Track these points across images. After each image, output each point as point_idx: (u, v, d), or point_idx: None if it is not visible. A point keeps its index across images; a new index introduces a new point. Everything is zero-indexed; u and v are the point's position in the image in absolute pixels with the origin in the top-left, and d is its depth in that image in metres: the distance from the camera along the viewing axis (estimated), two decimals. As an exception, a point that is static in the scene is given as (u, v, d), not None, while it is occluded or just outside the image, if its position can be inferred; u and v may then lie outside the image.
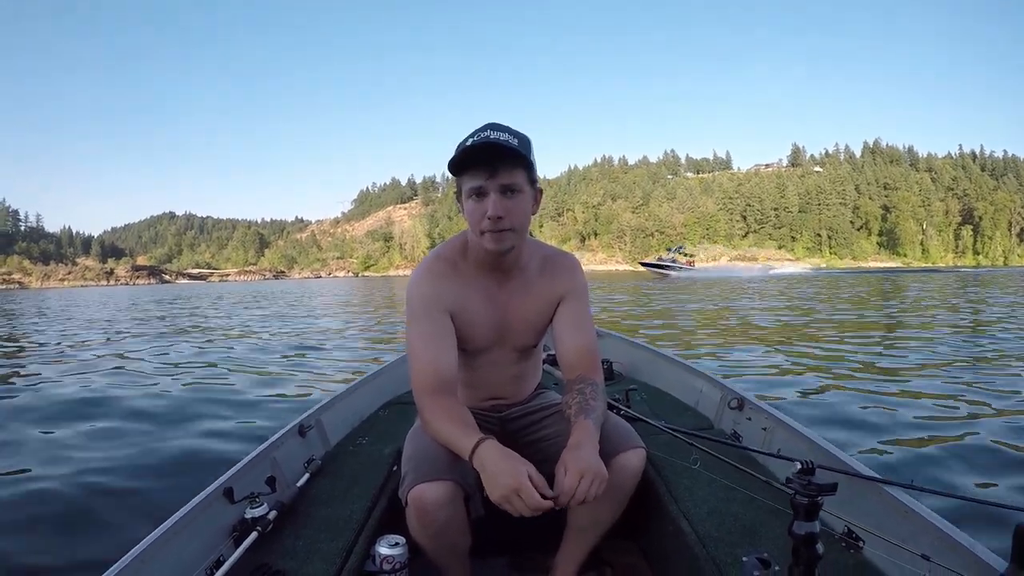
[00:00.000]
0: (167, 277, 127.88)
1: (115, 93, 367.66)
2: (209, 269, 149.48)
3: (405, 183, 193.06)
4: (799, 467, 0.80)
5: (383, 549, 1.08)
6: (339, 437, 1.76)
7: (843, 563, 1.03)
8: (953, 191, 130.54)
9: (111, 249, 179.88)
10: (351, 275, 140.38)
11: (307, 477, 1.39)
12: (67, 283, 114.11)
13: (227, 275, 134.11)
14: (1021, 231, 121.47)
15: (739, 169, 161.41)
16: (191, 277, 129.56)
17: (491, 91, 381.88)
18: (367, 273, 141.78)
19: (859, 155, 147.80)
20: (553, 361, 2.31)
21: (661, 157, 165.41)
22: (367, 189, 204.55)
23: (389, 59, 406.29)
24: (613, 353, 2.76)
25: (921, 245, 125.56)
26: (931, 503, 1.03)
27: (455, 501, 1.02)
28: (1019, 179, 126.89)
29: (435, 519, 1.01)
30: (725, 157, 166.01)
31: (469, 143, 1.03)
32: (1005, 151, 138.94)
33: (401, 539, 1.10)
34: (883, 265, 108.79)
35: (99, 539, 2.02)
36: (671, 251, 61.39)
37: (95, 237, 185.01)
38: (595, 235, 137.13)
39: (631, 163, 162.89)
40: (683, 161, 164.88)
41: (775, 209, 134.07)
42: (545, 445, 1.23)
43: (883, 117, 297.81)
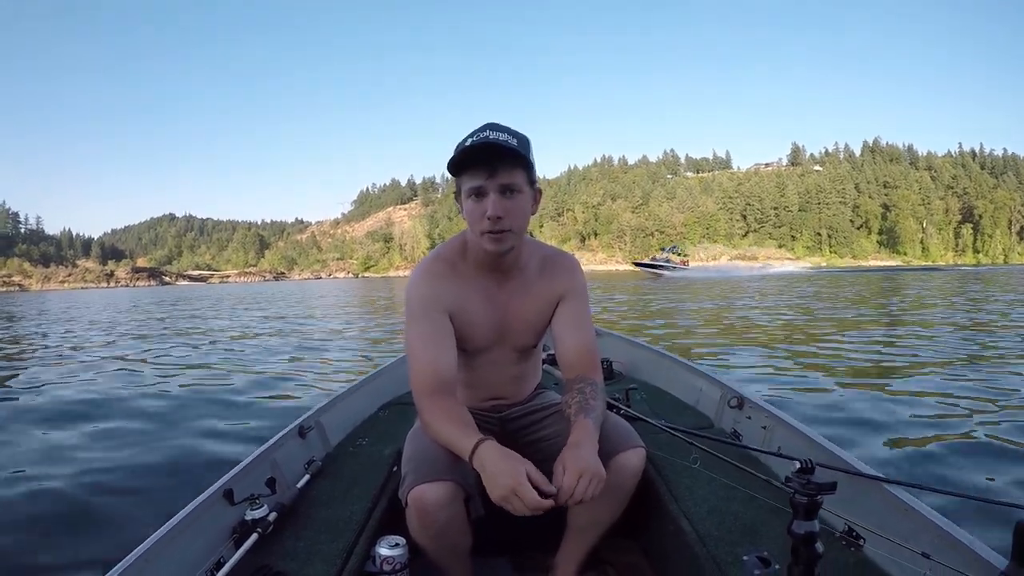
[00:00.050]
0: (167, 279, 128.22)
1: (114, 94, 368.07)
2: (209, 271, 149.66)
3: (405, 184, 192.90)
4: (798, 466, 0.80)
5: (383, 550, 1.08)
6: (339, 438, 1.75)
7: (844, 562, 1.03)
8: (953, 189, 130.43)
9: (111, 251, 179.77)
10: (351, 276, 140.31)
11: (307, 478, 1.40)
12: (67, 285, 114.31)
13: (227, 276, 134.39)
14: (1021, 229, 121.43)
15: (739, 168, 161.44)
16: (191, 279, 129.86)
17: (491, 91, 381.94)
18: (367, 274, 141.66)
19: (859, 154, 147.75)
20: (553, 361, 2.30)
21: (661, 157, 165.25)
22: (367, 190, 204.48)
23: (389, 59, 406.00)
24: (613, 352, 2.77)
25: (921, 244, 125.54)
26: (931, 501, 1.04)
27: (455, 501, 1.02)
28: (1019, 177, 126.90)
29: (435, 520, 1.01)
30: (725, 156, 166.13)
31: (468, 143, 1.04)
32: (1005, 149, 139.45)
33: (401, 540, 1.10)
34: (883, 264, 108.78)
35: (100, 540, 2.01)
36: (665, 251, 60.91)
37: (95, 239, 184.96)
38: (595, 235, 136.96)
39: (631, 163, 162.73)
40: (683, 160, 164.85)
41: (775, 208, 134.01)
42: (545, 445, 1.23)
43: (882, 116, 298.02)
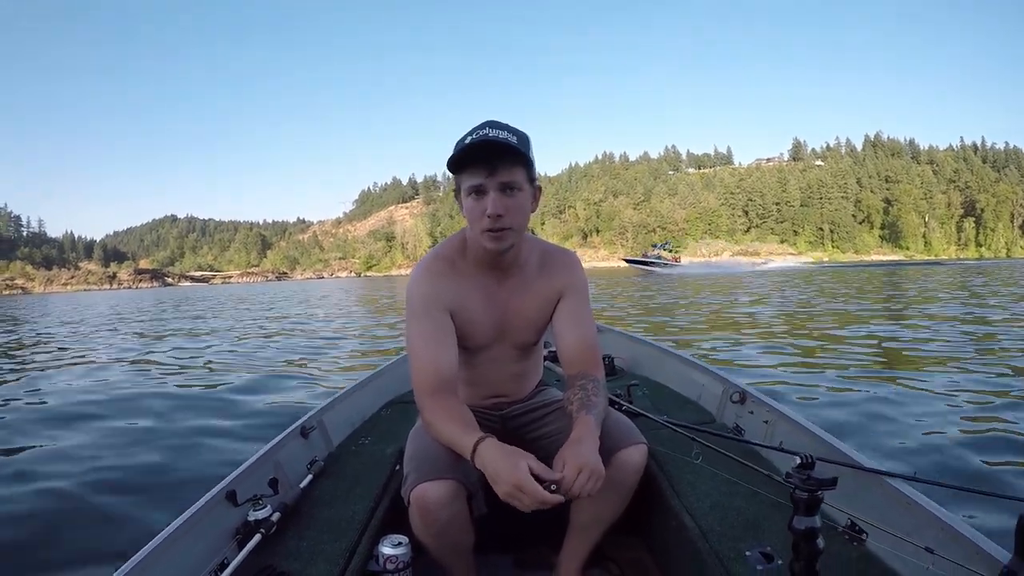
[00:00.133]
0: (170, 280, 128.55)
1: (114, 95, 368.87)
2: (212, 271, 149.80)
3: (406, 182, 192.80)
4: (798, 462, 0.79)
5: (386, 549, 1.08)
6: (341, 438, 1.76)
7: (847, 556, 1.03)
8: (955, 183, 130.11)
9: (113, 253, 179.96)
10: (353, 275, 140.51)
11: (310, 478, 1.40)
12: (70, 288, 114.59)
13: (229, 277, 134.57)
14: (1023, 223, 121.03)
15: (740, 164, 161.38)
16: (194, 280, 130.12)
17: (491, 91, 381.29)
18: (369, 273, 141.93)
19: (860, 148, 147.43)
20: (555, 358, 2.29)
21: (662, 153, 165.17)
22: (368, 189, 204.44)
23: (389, 59, 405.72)
24: (614, 348, 2.76)
25: (923, 238, 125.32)
26: (934, 495, 1.04)
27: (457, 500, 1.02)
28: (1021, 171, 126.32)
29: (437, 518, 1.01)
30: (726, 152, 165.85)
31: (468, 141, 1.03)
32: (1007, 143, 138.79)
33: (404, 539, 1.10)
34: (885, 258, 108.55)
35: (101, 541, 2.00)
36: (656, 247, 60.86)
37: (97, 241, 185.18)
38: (597, 232, 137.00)
39: (632, 159, 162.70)
40: (684, 156, 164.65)
41: (777, 203, 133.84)
42: (547, 442, 1.23)
43: (884, 110, 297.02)
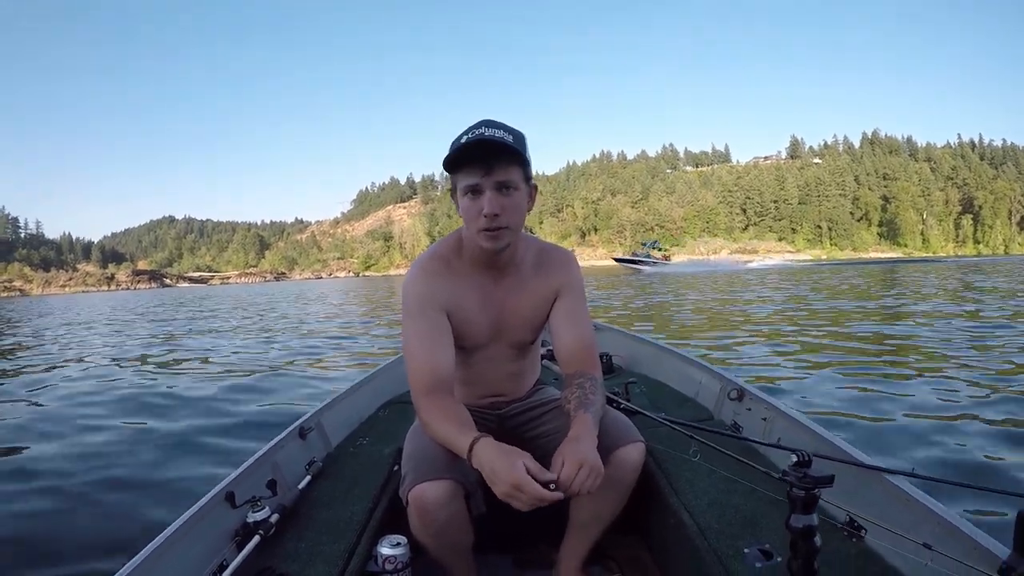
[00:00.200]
0: (168, 281, 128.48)
1: (112, 96, 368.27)
2: (210, 272, 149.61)
3: (404, 182, 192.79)
4: (795, 459, 0.79)
5: (385, 549, 1.08)
6: (339, 438, 1.76)
7: (845, 552, 1.03)
8: (953, 180, 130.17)
9: (111, 254, 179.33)
10: (352, 275, 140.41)
11: (308, 479, 1.40)
12: (68, 289, 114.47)
13: (228, 278, 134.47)
14: (1021, 219, 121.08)
15: (738, 162, 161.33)
16: (192, 280, 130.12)
17: (491, 91, 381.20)
18: (368, 273, 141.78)
19: (858, 146, 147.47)
20: (552, 356, 2.22)
21: (660, 151, 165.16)
22: (366, 189, 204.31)
23: (389, 59, 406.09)
24: (612, 346, 2.75)
25: (921, 235, 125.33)
26: (932, 491, 1.03)
27: (456, 499, 1.02)
28: (1018, 167, 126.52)
29: (436, 518, 1.01)
30: (724, 150, 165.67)
31: (464, 140, 1.03)
32: (1004, 140, 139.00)
33: (403, 539, 1.10)
34: (884, 256, 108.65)
35: (101, 541, 2.01)
36: (645, 245, 60.82)
37: (95, 243, 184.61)
38: (595, 231, 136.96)
39: (630, 158, 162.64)
40: (682, 155, 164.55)
41: (775, 201, 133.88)
42: (545, 441, 1.23)
43: (881, 107, 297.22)
